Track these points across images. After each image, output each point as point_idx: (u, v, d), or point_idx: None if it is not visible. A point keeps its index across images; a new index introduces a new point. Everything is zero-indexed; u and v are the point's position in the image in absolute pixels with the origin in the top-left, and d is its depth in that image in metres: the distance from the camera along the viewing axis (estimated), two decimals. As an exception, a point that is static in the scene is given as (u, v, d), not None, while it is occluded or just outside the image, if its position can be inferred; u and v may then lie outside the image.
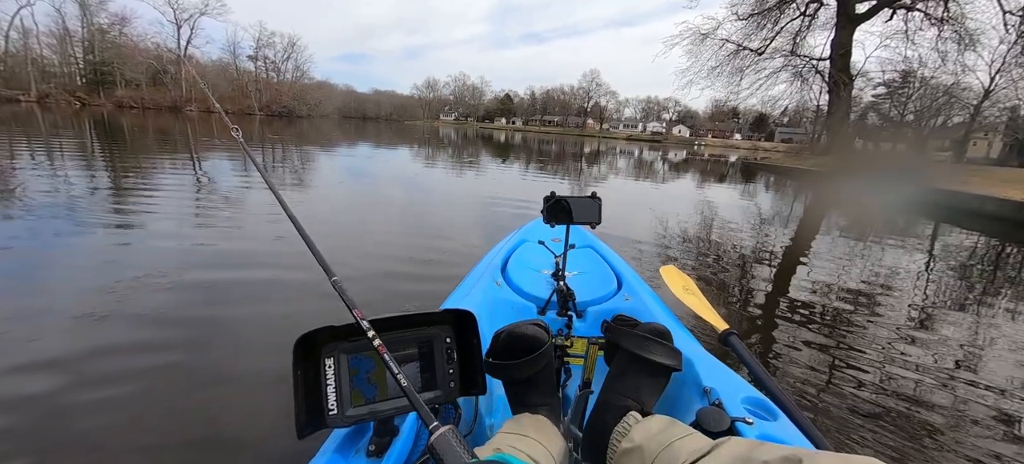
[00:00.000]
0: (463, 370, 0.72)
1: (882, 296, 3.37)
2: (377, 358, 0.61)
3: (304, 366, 0.61)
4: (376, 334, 0.59)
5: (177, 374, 1.79)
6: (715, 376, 0.93)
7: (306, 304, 2.48)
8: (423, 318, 0.70)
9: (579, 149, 26.32)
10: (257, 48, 58.53)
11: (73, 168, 6.69)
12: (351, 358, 0.64)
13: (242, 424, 1.53)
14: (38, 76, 41.50)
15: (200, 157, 9.39)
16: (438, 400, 0.70)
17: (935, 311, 3.21)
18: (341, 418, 0.62)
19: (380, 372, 0.65)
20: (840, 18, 18.20)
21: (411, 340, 0.68)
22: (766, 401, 0.85)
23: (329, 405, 0.62)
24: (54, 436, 1.42)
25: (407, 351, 0.68)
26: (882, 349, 2.46)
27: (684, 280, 1.67)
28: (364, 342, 0.62)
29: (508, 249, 1.85)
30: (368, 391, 0.64)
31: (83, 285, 2.55)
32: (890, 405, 1.89)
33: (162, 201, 4.80)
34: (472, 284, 1.50)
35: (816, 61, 20.06)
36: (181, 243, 3.43)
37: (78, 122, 18.32)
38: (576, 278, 1.55)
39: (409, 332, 0.68)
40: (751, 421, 0.78)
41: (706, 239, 5.05)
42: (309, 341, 0.61)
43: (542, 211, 1.32)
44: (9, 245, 3.15)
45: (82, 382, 1.67)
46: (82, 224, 3.76)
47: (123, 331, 2.07)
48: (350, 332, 0.64)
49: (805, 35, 19.92)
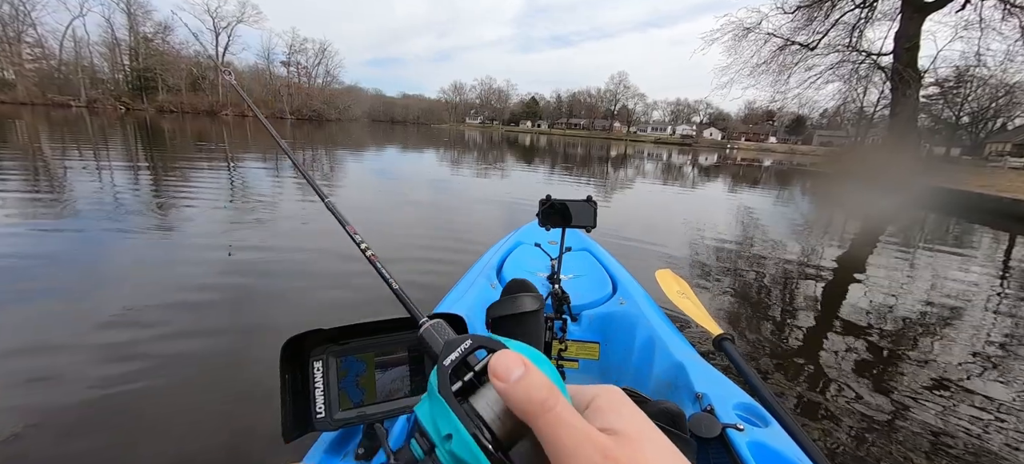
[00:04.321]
0: None
1: (917, 318, 2.97)
2: (368, 362, 0.63)
3: (292, 369, 0.60)
4: (364, 338, 0.62)
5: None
6: (707, 381, 0.93)
7: (327, 293, 2.69)
8: (411, 322, 0.62)
9: (605, 152, 25.89)
10: (290, 54, 60.51)
11: (119, 169, 7.00)
12: (341, 361, 0.63)
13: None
14: (88, 83, 43.96)
15: (234, 161, 9.54)
16: None
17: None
18: (329, 421, 0.61)
19: (369, 377, 0.64)
20: (906, 7, 15.93)
21: (399, 343, 0.66)
22: (758, 407, 0.84)
23: (317, 408, 0.61)
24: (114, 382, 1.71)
25: (396, 354, 0.65)
26: (907, 371, 2.21)
27: (679, 284, 1.70)
28: (353, 346, 0.63)
29: (504, 251, 1.85)
30: (356, 395, 0.63)
31: (135, 272, 2.83)
32: (904, 426, 1.80)
33: (200, 196, 4.90)
34: (468, 285, 1.50)
35: (877, 56, 17.56)
36: (221, 236, 3.49)
37: (123, 126, 19.27)
38: (571, 281, 1.54)
39: (399, 335, 0.66)
40: (742, 428, 0.77)
41: (722, 244, 4.72)
42: (297, 344, 0.60)
43: (537, 214, 1.31)
44: (84, 229, 3.66)
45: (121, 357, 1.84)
46: (124, 223, 3.90)
47: (160, 314, 2.27)
48: (339, 335, 0.63)
49: (864, 27, 17.51)
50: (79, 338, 2.01)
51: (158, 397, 1.66)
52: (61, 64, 43.74)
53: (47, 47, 43.15)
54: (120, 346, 1.97)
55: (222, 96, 49.62)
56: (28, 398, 1.61)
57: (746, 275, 3.72)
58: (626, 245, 4.30)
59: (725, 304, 3.03)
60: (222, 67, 0.93)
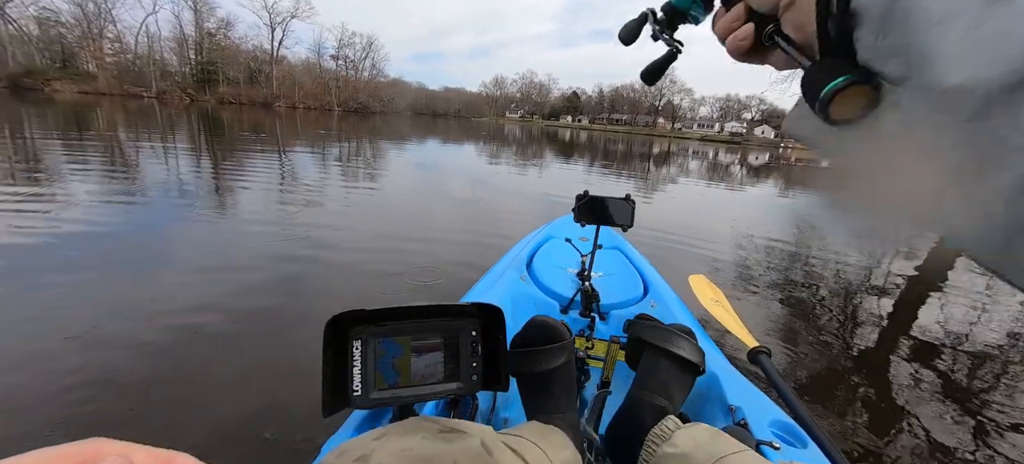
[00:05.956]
0: (487, 365, 0.71)
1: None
2: (405, 345, 0.64)
3: (333, 346, 0.61)
4: (403, 321, 0.64)
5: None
6: (742, 394, 0.90)
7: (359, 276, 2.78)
8: (451, 309, 0.69)
9: (647, 149, 25.18)
10: (339, 48, 62.78)
11: (184, 153, 7.54)
12: (379, 342, 0.64)
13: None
14: (158, 75, 47.52)
15: (286, 150, 9.99)
16: (459, 392, 0.69)
17: None
18: (365, 400, 0.63)
19: (405, 360, 0.65)
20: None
21: (437, 330, 0.67)
22: (796, 427, 0.81)
23: (354, 386, 0.62)
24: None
25: (431, 340, 0.67)
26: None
27: (714, 291, 1.63)
28: (391, 328, 0.64)
29: (535, 244, 1.84)
30: (392, 376, 0.65)
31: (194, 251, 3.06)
32: None
33: (256, 179, 5.18)
34: (497, 276, 1.50)
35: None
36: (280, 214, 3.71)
37: (188, 115, 20.73)
38: (602, 279, 1.52)
39: (436, 321, 0.67)
40: (778, 446, 0.75)
41: (767, 250, 4.41)
42: (339, 322, 0.62)
43: (573, 209, 1.28)
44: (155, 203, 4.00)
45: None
46: (191, 200, 4.22)
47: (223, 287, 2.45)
48: (379, 317, 0.64)
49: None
50: (148, 297, 2.18)
51: (208, 357, 1.80)
52: (136, 58, 47.51)
53: (124, 42, 47.06)
54: (187, 308, 2.17)
55: (276, 88, 52.23)
56: (99, 353, 1.76)
57: (791, 285, 3.45)
58: (661, 245, 4.13)
59: (763, 316, 2.82)
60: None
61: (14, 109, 15.47)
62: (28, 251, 2.78)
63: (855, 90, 0.25)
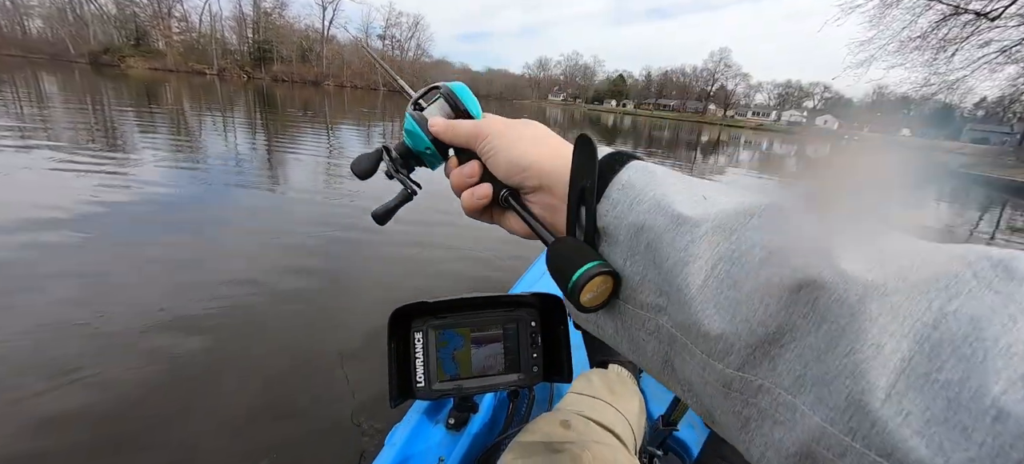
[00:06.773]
0: (547, 355, 0.69)
1: None
2: (465, 337, 0.65)
3: (397, 338, 0.63)
4: (462, 313, 0.65)
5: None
6: None
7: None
8: (510, 300, 0.69)
9: (695, 137, 24.11)
10: (386, 27, 63.83)
11: (242, 127, 7.98)
12: (440, 334, 0.65)
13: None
14: (219, 53, 50.25)
15: (332, 126, 10.31)
16: (520, 383, 0.68)
17: None
18: (427, 391, 0.64)
19: (466, 351, 0.66)
20: None
21: (497, 321, 0.67)
22: None
23: (417, 378, 0.64)
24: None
25: (491, 331, 0.67)
26: None
27: None
28: (452, 320, 0.65)
29: None
30: (452, 368, 0.65)
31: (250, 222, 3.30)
32: None
33: (305, 151, 5.40)
34: (542, 270, 1.49)
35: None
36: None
37: (245, 92, 21.83)
38: None
39: (495, 313, 0.67)
40: None
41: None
42: (402, 315, 0.63)
43: None
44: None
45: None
46: (246, 171, 4.56)
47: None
48: (440, 308, 0.65)
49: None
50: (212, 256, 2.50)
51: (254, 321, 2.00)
52: (200, 36, 50.40)
53: (190, 21, 49.97)
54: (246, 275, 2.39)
55: (325, 67, 53.97)
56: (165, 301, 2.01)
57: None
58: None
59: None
60: (363, 43, 1.01)
61: (104, 85, 16.82)
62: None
63: (605, 278, 0.24)
